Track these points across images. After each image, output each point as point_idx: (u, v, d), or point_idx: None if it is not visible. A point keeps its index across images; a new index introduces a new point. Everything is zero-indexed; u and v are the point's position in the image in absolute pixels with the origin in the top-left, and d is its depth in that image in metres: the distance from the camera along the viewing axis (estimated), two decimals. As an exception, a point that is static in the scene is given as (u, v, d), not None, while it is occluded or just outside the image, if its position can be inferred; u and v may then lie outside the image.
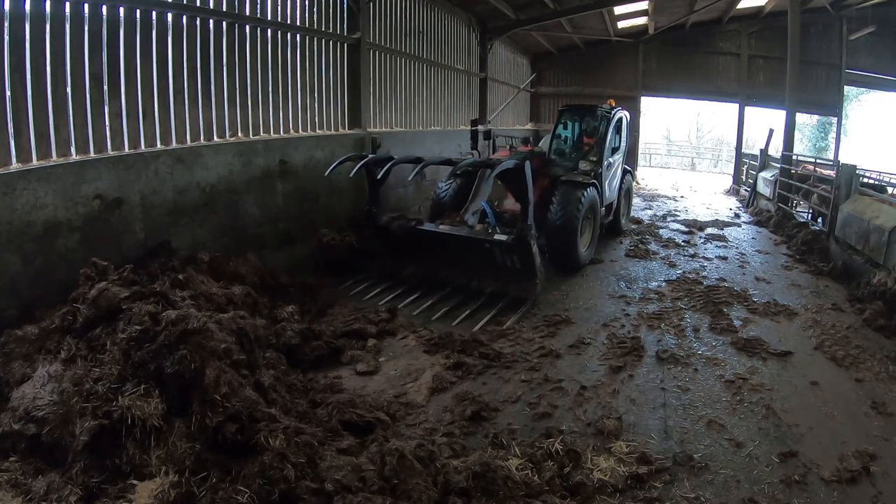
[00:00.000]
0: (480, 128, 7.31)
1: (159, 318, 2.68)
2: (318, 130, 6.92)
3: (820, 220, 8.64)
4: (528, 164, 5.28)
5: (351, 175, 5.76)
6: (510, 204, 6.75)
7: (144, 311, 2.71)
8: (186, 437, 2.30)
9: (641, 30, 15.63)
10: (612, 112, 7.74)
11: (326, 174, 5.77)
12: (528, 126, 16.62)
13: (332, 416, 2.97)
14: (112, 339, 2.59)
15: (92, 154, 4.24)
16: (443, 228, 5.72)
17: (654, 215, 11.12)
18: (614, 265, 7.17)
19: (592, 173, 6.98)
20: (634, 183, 16.43)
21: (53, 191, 3.74)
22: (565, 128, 8.23)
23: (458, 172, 6.25)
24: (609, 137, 7.53)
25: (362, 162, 5.72)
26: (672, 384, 3.95)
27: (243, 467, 2.20)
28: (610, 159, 7.67)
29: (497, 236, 5.36)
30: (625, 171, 8.86)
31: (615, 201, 8.27)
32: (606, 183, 7.47)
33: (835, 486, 2.85)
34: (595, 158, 7.29)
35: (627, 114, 8.53)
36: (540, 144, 8.36)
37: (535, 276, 5.36)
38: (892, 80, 15.12)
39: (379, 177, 5.95)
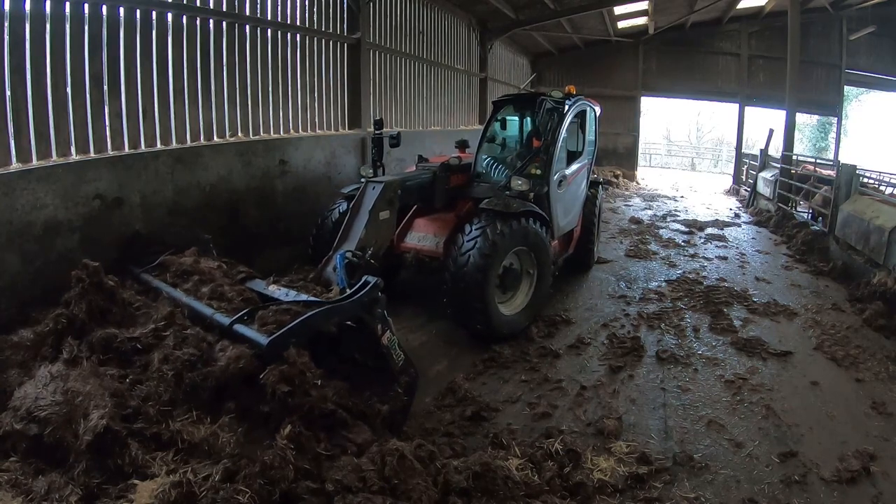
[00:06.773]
0: (386, 132, 5.16)
1: (212, 343, 2.71)
2: (318, 130, 6.91)
3: (820, 220, 8.65)
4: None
5: None
6: (417, 240, 5.15)
7: (201, 336, 2.75)
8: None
9: (641, 30, 15.64)
10: (569, 103, 5.38)
11: None
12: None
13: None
14: (163, 357, 2.61)
15: (92, 154, 4.24)
16: (271, 290, 3.50)
17: (654, 215, 11.13)
18: (614, 265, 7.17)
19: (533, 194, 4.92)
20: (633, 184, 16.44)
21: (53, 191, 3.74)
22: (503, 127, 6.19)
23: (346, 192, 4.91)
24: (561, 139, 5.28)
25: None
26: (672, 384, 3.95)
27: (245, 466, 2.20)
28: (565, 171, 5.47)
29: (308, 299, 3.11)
30: (592, 184, 6.58)
31: (577, 227, 6.20)
32: (559, 205, 5.36)
33: (835, 486, 2.85)
34: (540, 171, 5.12)
35: (597, 107, 6.31)
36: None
37: (393, 382, 3.03)
38: (892, 80, 15.16)
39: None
